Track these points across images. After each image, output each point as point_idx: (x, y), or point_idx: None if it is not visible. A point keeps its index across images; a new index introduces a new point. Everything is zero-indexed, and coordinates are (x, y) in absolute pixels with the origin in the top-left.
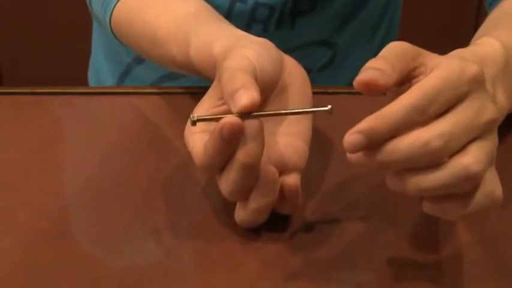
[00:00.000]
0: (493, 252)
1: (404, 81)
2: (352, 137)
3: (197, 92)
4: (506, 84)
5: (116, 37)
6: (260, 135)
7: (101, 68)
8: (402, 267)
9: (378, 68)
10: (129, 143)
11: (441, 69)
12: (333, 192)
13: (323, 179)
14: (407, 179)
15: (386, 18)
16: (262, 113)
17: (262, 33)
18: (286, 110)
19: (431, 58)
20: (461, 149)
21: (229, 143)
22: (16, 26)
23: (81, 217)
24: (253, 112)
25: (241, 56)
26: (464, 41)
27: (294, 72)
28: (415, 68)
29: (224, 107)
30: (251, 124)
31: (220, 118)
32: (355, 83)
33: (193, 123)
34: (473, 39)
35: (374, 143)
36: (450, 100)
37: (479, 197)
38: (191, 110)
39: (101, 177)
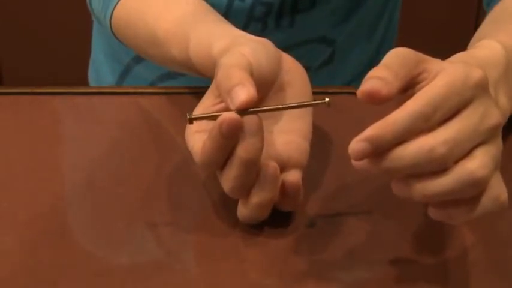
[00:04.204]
0: (495, 252)
1: (408, 88)
2: (357, 144)
3: (198, 92)
4: (507, 87)
5: (116, 37)
6: (260, 131)
7: (101, 67)
8: (404, 266)
9: (380, 77)
10: (129, 143)
11: (445, 75)
12: (335, 190)
13: (324, 178)
14: (413, 185)
15: (385, 15)
16: (259, 108)
17: (261, 31)
18: (284, 104)
19: (434, 63)
20: (466, 154)
21: (228, 139)
22: (16, 26)
23: (81, 217)
24: (250, 108)
25: (237, 53)
26: (464, 41)
27: (293, 70)
28: (418, 74)
29: (222, 105)
30: (250, 120)
31: (216, 116)
32: (358, 93)
33: (190, 122)
34: (472, 39)
35: (379, 150)
36: (455, 106)
37: (485, 201)
38: (192, 110)
39: (101, 177)
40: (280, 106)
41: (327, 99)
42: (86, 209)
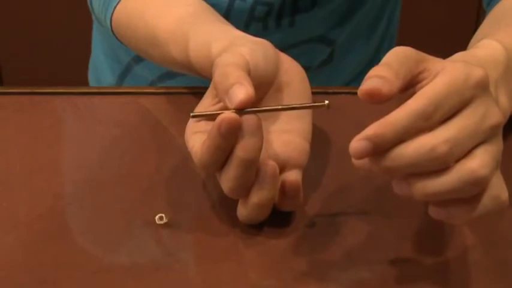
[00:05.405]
0: (495, 252)
1: (408, 87)
2: (358, 143)
3: (198, 92)
4: (507, 86)
5: (116, 37)
6: (258, 131)
7: (100, 67)
8: (404, 266)
9: (381, 75)
10: (129, 143)
11: (446, 75)
12: (335, 190)
13: (324, 178)
14: (414, 184)
15: (385, 15)
16: (258, 108)
17: (262, 31)
18: (283, 105)
19: (434, 63)
20: (467, 153)
21: (227, 138)
22: (16, 26)
23: (81, 217)
24: (249, 107)
25: (234, 53)
26: (464, 41)
27: (291, 70)
28: (418, 74)
29: (220, 105)
30: (249, 119)
31: (217, 114)
32: (358, 92)
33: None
34: (472, 39)
35: (380, 149)
36: (455, 105)
37: (486, 201)
38: (192, 109)
39: (101, 176)
40: (279, 107)
41: (326, 102)
42: (86, 208)
